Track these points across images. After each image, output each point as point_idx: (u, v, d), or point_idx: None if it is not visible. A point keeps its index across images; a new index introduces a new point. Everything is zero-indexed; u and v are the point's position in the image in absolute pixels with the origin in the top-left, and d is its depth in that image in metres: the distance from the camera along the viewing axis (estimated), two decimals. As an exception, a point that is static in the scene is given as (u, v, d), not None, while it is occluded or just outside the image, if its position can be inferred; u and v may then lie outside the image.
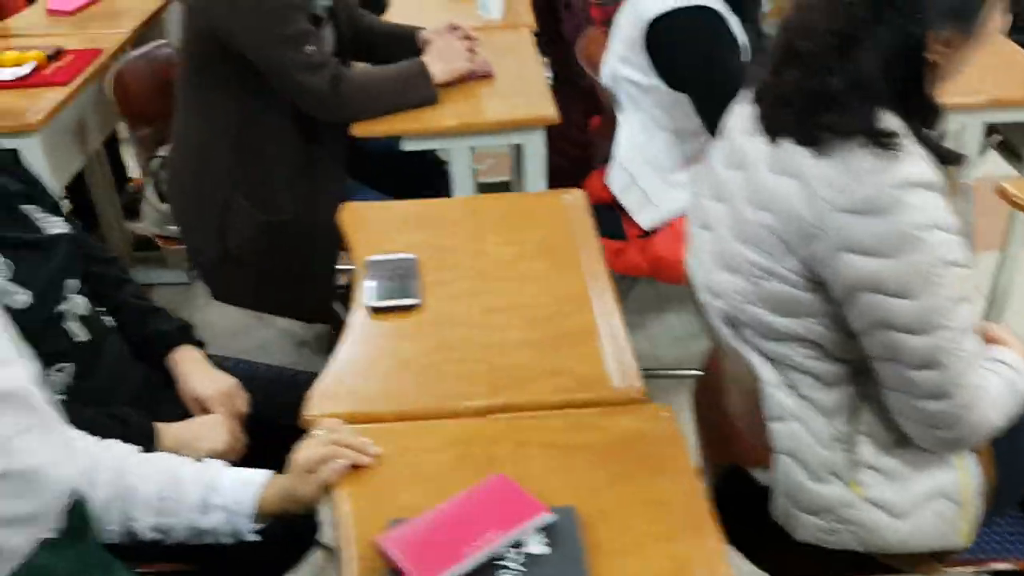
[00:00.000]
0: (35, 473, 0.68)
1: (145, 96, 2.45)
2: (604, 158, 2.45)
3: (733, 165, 1.37)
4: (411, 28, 2.50)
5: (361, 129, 2.19)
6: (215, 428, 1.49)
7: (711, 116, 2.05)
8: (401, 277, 1.61)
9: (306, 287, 2.36)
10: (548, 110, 2.25)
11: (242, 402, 1.57)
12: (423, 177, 2.58)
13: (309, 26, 2.14)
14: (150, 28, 2.99)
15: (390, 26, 2.55)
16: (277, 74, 2.10)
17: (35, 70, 2.44)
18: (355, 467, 1.19)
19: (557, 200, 1.88)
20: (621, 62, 2.25)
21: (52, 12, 2.95)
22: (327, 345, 2.02)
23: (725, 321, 1.39)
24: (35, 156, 2.26)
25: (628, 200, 2.33)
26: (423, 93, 2.26)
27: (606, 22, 2.96)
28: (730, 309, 1.37)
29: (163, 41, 2.65)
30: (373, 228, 1.81)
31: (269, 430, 1.50)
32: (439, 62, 2.30)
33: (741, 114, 1.39)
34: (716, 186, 1.41)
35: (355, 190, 2.33)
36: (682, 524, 1.12)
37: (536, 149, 2.29)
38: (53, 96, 2.35)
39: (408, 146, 2.24)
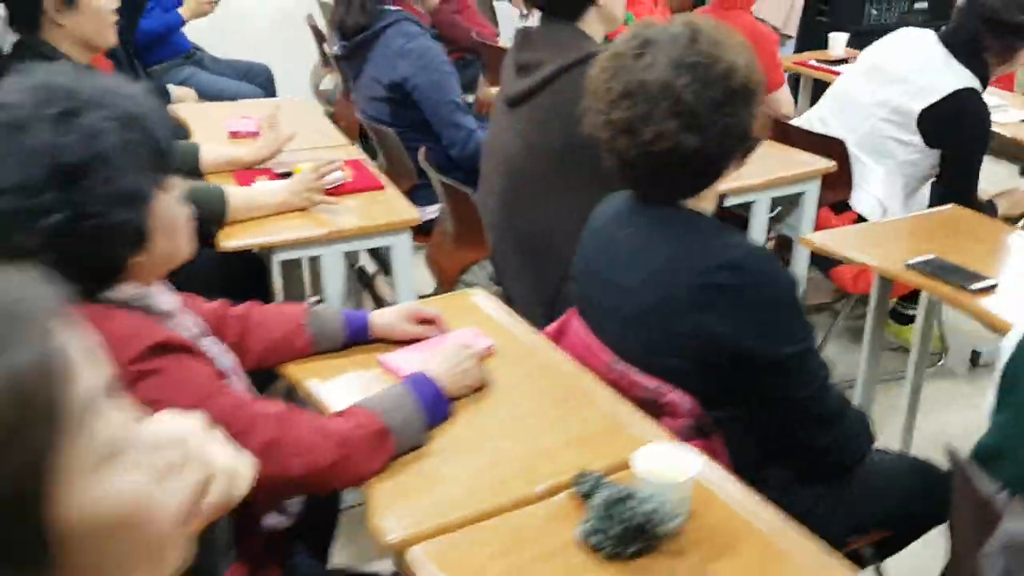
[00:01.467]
0: None
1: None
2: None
3: None
4: None
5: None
6: None
7: (958, 176, 2.69)
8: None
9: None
10: (823, 162, 2.69)
11: None
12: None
13: None
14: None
15: None
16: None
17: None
18: None
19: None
20: (885, 121, 2.75)
21: (234, 135, 2.93)
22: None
23: None
24: (406, 252, 2.32)
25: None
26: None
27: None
28: None
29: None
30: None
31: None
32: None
33: None
34: None
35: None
36: None
37: (814, 194, 2.70)
38: (389, 196, 2.43)
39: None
